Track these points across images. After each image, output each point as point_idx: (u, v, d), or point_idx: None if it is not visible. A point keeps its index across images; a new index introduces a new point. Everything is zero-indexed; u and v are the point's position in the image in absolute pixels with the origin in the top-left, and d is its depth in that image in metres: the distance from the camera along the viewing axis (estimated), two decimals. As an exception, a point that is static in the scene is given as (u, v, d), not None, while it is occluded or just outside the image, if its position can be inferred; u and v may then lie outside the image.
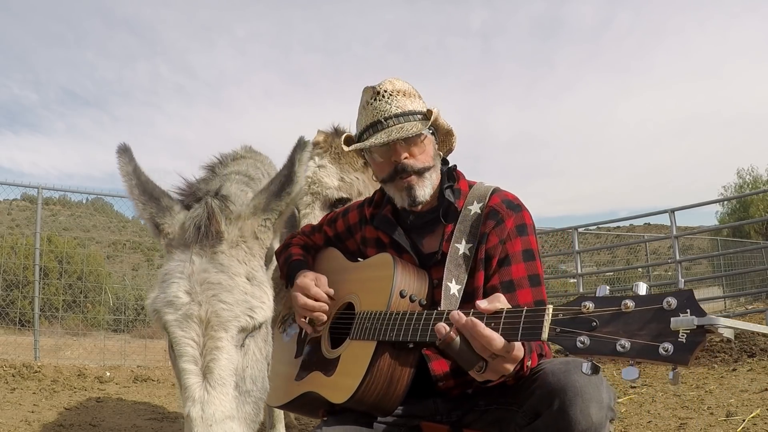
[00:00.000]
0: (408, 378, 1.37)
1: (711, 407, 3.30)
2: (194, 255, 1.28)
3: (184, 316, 1.20)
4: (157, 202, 1.39)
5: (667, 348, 0.87)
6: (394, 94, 1.52)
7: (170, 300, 1.22)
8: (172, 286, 1.24)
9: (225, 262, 1.29)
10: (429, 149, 1.53)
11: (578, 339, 0.96)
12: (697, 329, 0.85)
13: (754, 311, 7.85)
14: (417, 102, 1.55)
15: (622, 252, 15.60)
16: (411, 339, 1.29)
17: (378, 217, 1.63)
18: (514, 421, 1.31)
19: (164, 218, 1.37)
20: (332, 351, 1.53)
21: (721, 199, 17.47)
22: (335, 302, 1.58)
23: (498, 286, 1.40)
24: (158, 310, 1.24)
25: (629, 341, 0.91)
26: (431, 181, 1.52)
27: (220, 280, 1.25)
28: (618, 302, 0.95)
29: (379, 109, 1.52)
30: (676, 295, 0.90)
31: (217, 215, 1.33)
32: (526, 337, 1.05)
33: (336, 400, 1.40)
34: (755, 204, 19.39)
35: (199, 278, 1.24)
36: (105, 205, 10.96)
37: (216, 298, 1.22)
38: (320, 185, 2.25)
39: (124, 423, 3.83)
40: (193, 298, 1.21)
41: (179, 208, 1.40)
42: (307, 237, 1.84)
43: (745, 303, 12.07)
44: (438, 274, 1.47)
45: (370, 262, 1.58)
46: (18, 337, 6.73)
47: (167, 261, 1.32)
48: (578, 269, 8.59)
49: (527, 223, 1.47)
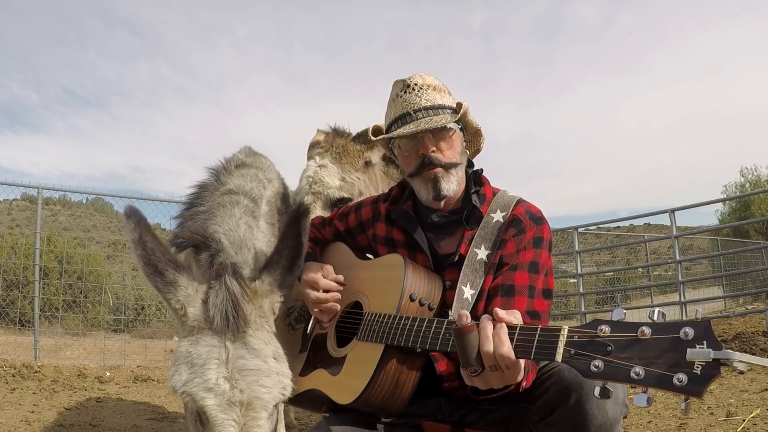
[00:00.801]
0: (414, 381, 1.37)
1: (711, 407, 3.30)
2: (227, 341, 1.33)
3: (228, 403, 1.27)
4: (161, 276, 1.38)
5: (682, 379, 0.86)
6: (425, 88, 1.51)
7: (210, 387, 1.28)
8: (209, 373, 1.29)
9: (256, 345, 1.36)
10: (457, 145, 1.52)
11: (593, 363, 0.96)
12: (712, 362, 0.85)
13: (754, 311, 7.85)
14: (446, 97, 1.54)
15: (622, 252, 15.60)
16: (420, 346, 1.29)
17: (397, 212, 1.60)
18: (527, 418, 1.31)
19: (169, 293, 1.38)
20: (338, 350, 1.53)
21: (721, 199, 17.44)
22: (342, 301, 1.58)
23: (498, 288, 1.40)
24: (194, 393, 1.28)
25: (644, 369, 0.90)
26: (457, 177, 1.52)
27: (258, 366, 1.33)
28: (635, 328, 0.94)
29: (409, 102, 1.51)
30: (693, 325, 0.89)
31: (242, 304, 1.37)
32: (540, 356, 1.04)
33: (341, 400, 1.40)
34: (756, 203, 19.38)
35: (237, 365, 1.31)
36: (105, 205, 10.99)
37: (257, 383, 1.31)
38: (321, 185, 2.25)
39: (124, 423, 3.83)
40: (233, 385, 1.29)
41: (186, 281, 1.40)
42: (317, 230, 1.83)
43: (745, 303, 12.07)
44: (452, 276, 1.46)
45: (380, 262, 1.57)
46: (18, 337, 6.73)
47: (191, 342, 1.35)
48: (578, 269, 8.59)
49: (545, 237, 1.46)
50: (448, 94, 1.56)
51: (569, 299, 9.76)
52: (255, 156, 2.07)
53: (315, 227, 1.83)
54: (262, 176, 1.93)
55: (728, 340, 5.51)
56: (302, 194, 2.26)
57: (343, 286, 1.57)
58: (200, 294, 1.40)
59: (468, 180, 1.56)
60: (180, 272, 1.40)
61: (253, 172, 1.91)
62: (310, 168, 2.31)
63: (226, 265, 1.42)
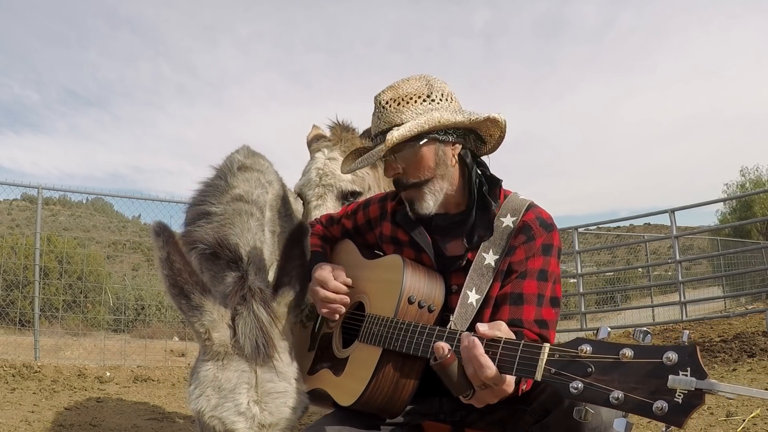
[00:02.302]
0: (414, 384, 1.36)
1: (711, 407, 3.29)
2: (257, 367, 1.37)
3: (258, 426, 1.32)
4: (187, 299, 1.38)
5: (662, 407, 0.83)
6: (388, 105, 1.45)
7: (242, 411, 1.31)
8: (240, 397, 1.32)
9: (281, 369, 1.40)
10: (426, 161, 1.45)
11: (572, 384, 0.93)
12: (695, 391, 0.82)
13: (754, 311, 7.84)
14: (417, 107, 1.43)
15: (622, 252, 15.59)
16: (414, 353, 1.28)
17: (400, 214, 1.58)
18: (522, 420, 1.31)
19: (194, 317, 1.39)
20: (342, 350, 1.53)
21: (721, 199, 17.44)
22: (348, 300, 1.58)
23: (507, 296, 1.38)
24: (224, 418, 1.30)
25: (624, 394, 0.87)
26: (433, 192, 1.46)
27: (285, 389, 1.38)
28: (617, 350, 0.91)
29: (374, 125, 1.50)
30: (677, 349, 0.86)
31: (270, 332, 1.41)
32: (521, 372, 1.03)
33: (342, 402, 1.40)
34: (757, 203, 19.37)
35: (266, 388, 1.35)
36: (105, 205, 11.01)
37: (284, 405, 1.36)
38: (333, 177, 2.21)
39: (124, 423, 3.82)
40: (263, 408, 1.33)
41: (211, 305, 1.40)
42: (326, 228, 1.81)
43: (745, 303, 12.07)
44: (458, 280, 1.44)
45: (381, 262, 1.56)
46: (18, 337, 6.73)
47: (218, 367, 1.37)
48: (578, 269, 8.59)
49: (554, 244, 1.43)
50: (423, 100, 1.44)
51: (569, 299, 9.75)
52: (254, 157, 2.05)
53: (323, 225, 1.82)
54: (263, 180, 1.93)
55: (728, 340, 5.51)
56: (312, 186, 2.22)
57: (351, 288, 1.57)
58: (225, 319, 1.41)
59: (470, 180, 1.49)
60: (206, 296, 1.39)
61: (255, 176, 1.91)
62: (319, 160, 2.27)
63: (255, 291, 1.44)
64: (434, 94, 1.46)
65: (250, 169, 1.94)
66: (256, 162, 2.02)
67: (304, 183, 2.27)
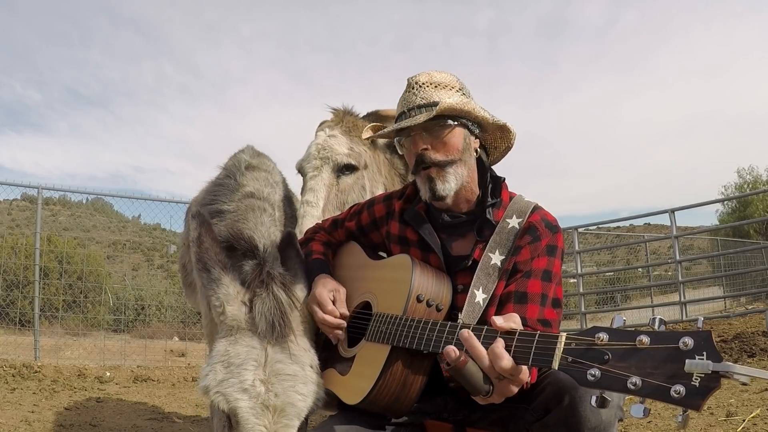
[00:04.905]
0: (422, 382, 1.36)
1: (711, 407, 3.30)
2: (267, 344, 1.34)
3: (261, 406, 1.27)
4: (208, 272, 1.43)
5: (679, 391, 0.84)
6: (425, 86, 1.50)
7: (245, 388, 1.27)
8: (246, 374, 1.29)
9: (296, 351, 1.38)
10: (455, 142, 1.47)
11: (589, 371, 0.94)
12: (711, 374, 0.83)
13: (754, 311, 7.85)
14: (450, 94, 1.48)
15: (622, 252, 15.62)
16: (425, 348, 1.28)
17: (410, 213, 1.58)
18: (523, 419, 1.31)
19: (211, 290, 1.42)
20: (348, 350, 1.53)
21: (721, 199, 17.46)
22: (353, 300, 1.58)
23: (511, 295, 1.39)
24: (227, 394, 1.27)
25: (641, 379, 0.88)
26: (456, 175, 1.47)
27: (296, 372, 1.34)
28: (633, 337, 0.92)
29: (407, 100, 1.51)
30: (693, 335, 0.87)
31: (288, 314, 1.40)
32: (537, 362, 1.03)
33: (349, 401, 1.40)
34: (755, 204, 19.39)
35: (275, 369, 1.32)
36: (105, 205, 11.01)
37: (293, 389, 1.31)
38: (330, 150, 2.28)
39: (124, 423, 3.83)
40: (269, 388, 1.29)
41: (229, 280, 1.43)
42: (328, 234, 1.81)
43: (745, 303, 12.07)
44: (465, 279, 1.45)
45: (389, 262, 1.56)
46: (18, 337, 6.72)
47: (229, 341, 1.36)
48: (578, 269, 8.60)
49: (558, 245, 1.45)
50: (457, 90, 1.51)
51: (569, 299, 9.76)
52: (260, 157, 2.08)
53: (326, 231, 1.81)
54: (271, 179, 1.95)
55: (728, 340, 5.50)
56: (309, 159, 2.28)
57: (347, 319, 1.55)
58: (241, 296, 1.42)
59: (483, 181, 1.52)
60: (225, 272, 1.44)
61: (264, 176, 1.93)
62: (320, 137, 2.34)
63: (275, 275, 1.46)
64: (464, 89, 1.54)
65: (257, 168, 1.96)
66: (263, 162, 2.04)
67: (304, 158, 2.34)
